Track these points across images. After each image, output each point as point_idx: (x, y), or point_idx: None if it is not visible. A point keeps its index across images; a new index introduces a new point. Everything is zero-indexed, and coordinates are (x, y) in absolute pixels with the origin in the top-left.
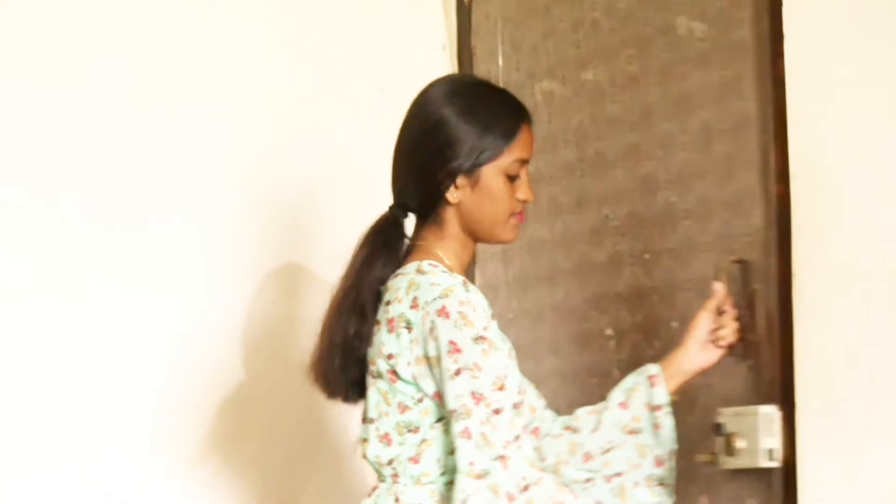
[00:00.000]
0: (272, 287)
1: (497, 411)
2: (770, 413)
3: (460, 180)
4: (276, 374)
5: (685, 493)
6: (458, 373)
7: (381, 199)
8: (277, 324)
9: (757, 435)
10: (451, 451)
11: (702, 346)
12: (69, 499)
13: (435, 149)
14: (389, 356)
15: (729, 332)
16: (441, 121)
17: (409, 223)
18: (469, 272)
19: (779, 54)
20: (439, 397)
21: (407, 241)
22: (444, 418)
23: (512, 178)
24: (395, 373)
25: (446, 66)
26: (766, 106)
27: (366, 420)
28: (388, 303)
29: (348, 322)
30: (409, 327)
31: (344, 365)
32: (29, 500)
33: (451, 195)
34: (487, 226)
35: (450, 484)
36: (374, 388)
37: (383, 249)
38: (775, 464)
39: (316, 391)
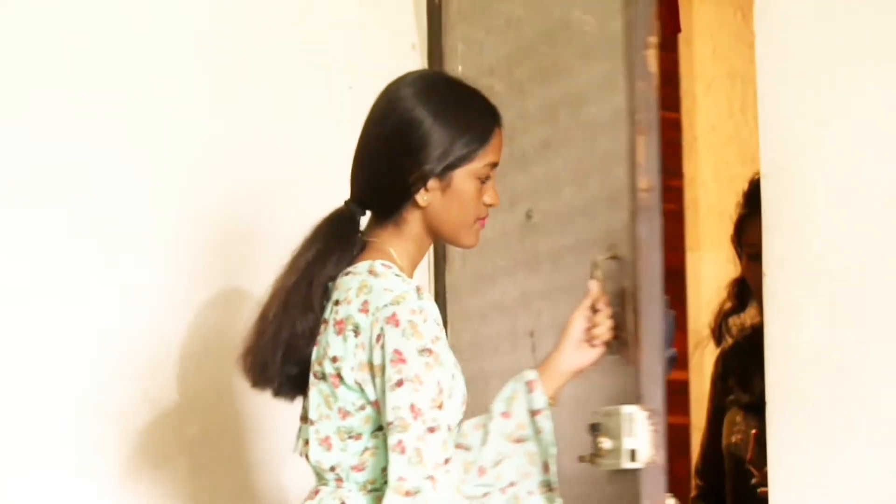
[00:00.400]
0: (213, 294)
1: (432, 429)
2: (632, 413)
3: (431, 183)
4: (213, 385)
5: (578, 493)
6: (399, 384)
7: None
8: (214, 335)
9: (620, 435)
10: None
11: (577, 346)
12: None
13: (407, 150)
14: (334, 359)
15: (603, 330)
16: (414, 121)
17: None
18: (439, 270)
19: (646, 45)
20: (379, 406)
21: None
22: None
23: (481, 182)
24: (339, 377)
25: (416, 64)
26: (635, 100)
27: (306, 420)
28: (336, 302)
29: (297, 318)
30: (356, 331)
31: (285, 361)
32: None
33: (421, 198)
34: (452, 229)
35: None
36: (317, 390)
37: (337, 246)
38: (638, 465)
39: (254, 399)
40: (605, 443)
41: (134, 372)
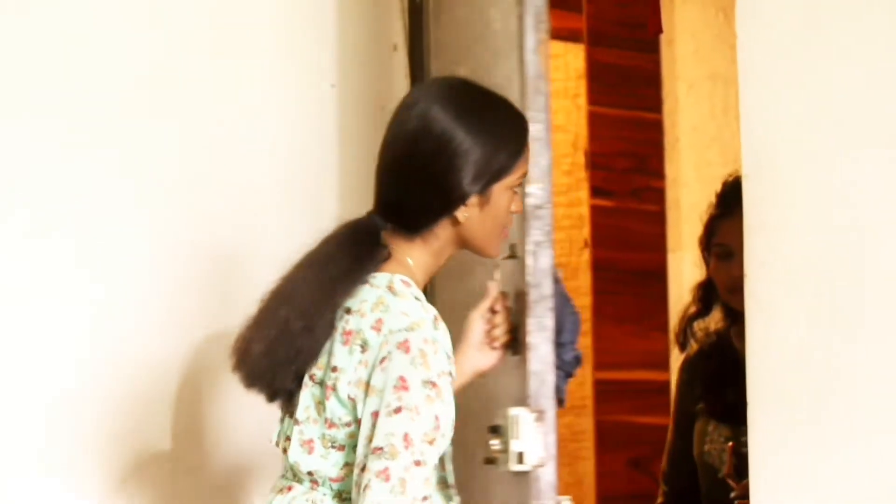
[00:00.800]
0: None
1: (418, 463)
2: (518, 415)
3: (472, 199)
4: (199, 388)
5: (484, 492)
6: (397, 410)
7: (331, 199)
8: (202, 338)
9: (508, 438)
10: None
11: (478, 348)
12: None
13: (448, 169)
14: (335, 368)
15: (500, 331)
16: (454, 139)
17: None
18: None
19: (537, 43)
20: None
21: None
22: None
23: (514, 193)
24: (334, 388)
25: (399, 64)
26: (525, 98)
27: (291, 416)
28: (348, 310)
29: (320, 340)
30: (363, 347)
31: (294, 376)
32: None
33: (461, 214)
34: (483, 242)
35: None
36: (309, 392)
37: (366, 262)
38: (525, 467)
39: (240, 404)
40: (497, 444)
41: (118, 374)
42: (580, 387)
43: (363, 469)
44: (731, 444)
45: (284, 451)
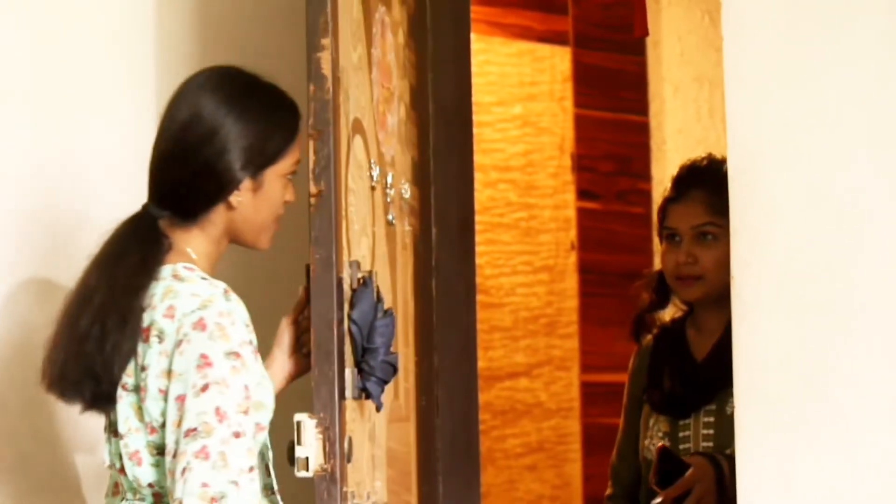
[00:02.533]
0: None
1: (237, 434)
2: (301, 421)
3: (245, 183)
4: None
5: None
6: (205, 388)
7: None
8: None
9: (293, 444)
10: None
11: (289, 354)
12: None
13: (220, 152)
14: (143, 368)
15: (308, 337)
16: (225, 123)
17: None
18: None
19: (319, 48)
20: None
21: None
22: None
23: (287, 180)
24: (146, 387)
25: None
26: (308, 104)
27: (116, 434)
28: (142, 309)
29: (125, 343)
30: (160, 337)
31: (109, 384)
32: None
33: (235, 199)
34: (255, 231)
35: None
36: (126, 402)
37: (155, 257)
38: (307, 474)
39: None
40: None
41: None
42: (567, 389)
43: (175, 455)
44: (660, 445)
45: (121, 470)
